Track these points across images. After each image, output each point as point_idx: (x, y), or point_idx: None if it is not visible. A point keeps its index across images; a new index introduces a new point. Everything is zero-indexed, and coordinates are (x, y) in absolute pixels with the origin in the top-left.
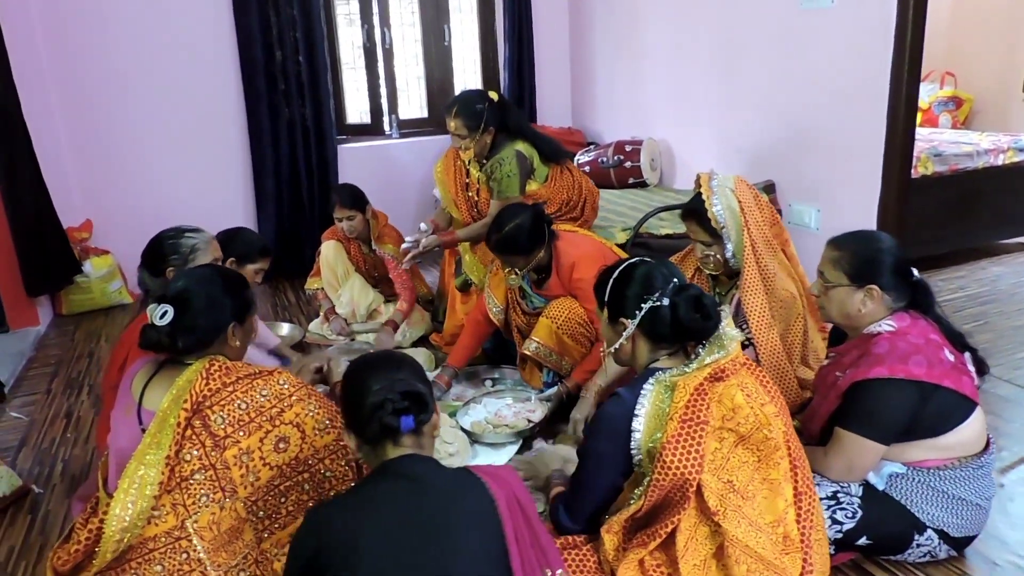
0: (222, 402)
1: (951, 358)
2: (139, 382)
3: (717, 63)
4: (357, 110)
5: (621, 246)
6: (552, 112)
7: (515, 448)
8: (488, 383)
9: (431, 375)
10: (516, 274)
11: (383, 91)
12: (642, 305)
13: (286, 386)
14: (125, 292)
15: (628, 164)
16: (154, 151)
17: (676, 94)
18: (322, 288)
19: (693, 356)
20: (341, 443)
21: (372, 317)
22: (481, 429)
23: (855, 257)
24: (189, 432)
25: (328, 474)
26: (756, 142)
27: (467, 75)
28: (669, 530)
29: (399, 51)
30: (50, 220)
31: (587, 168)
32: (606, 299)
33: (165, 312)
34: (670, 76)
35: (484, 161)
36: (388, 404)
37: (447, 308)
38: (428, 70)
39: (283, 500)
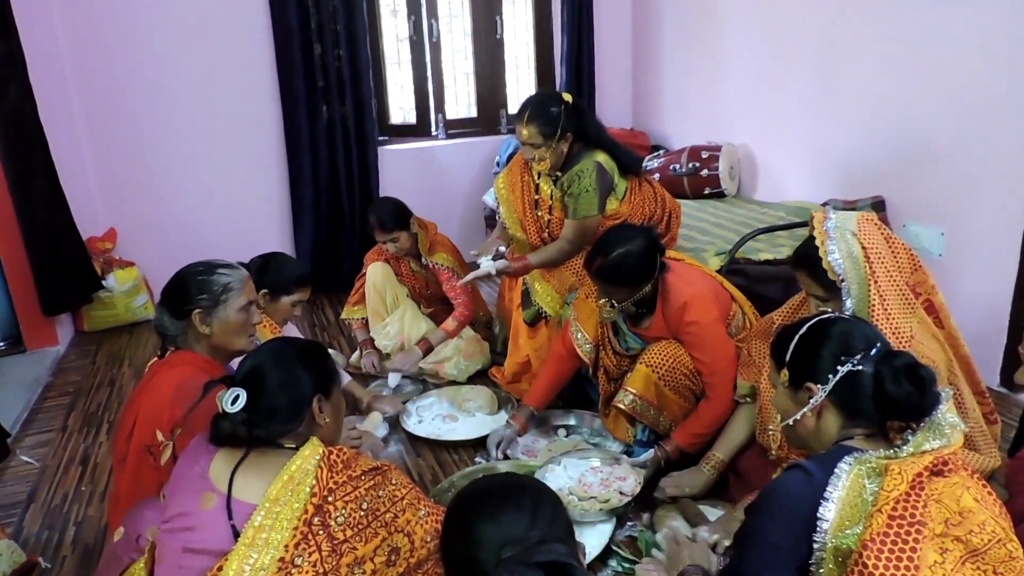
0: (346, 498)
1: None
2: (222, 468)
3: (813, 61)
4: (400, 109)
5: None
6: (612, 112)
7: (609, 528)
8: (561, 432)
9: (499, 420)
10: (612, 307)
11: (430, 88)
12: (838, 368)
13: (398, 487)
14: (151, 307)
15: (704, 172)
16: (183, 156)
17: (760, 95)
18: (360, 318)
19: (900, 442)
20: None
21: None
22: (563, 502)
23: None
24: (307, 531)
25: None
26: (860, 151)
27: (520, 71)
28: None
29: (447, 45)
30: (69, 234)
31: (656, 176)
32: (788, 358)
33: (236, 396)
34: (754, 74)
35: (558, 175)
36: None
37: (509, 341)
38: (478, 66)
39: None
